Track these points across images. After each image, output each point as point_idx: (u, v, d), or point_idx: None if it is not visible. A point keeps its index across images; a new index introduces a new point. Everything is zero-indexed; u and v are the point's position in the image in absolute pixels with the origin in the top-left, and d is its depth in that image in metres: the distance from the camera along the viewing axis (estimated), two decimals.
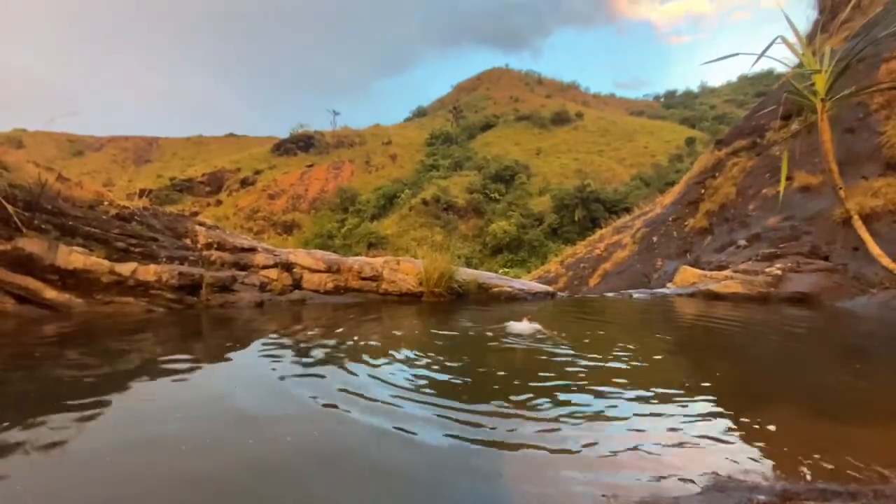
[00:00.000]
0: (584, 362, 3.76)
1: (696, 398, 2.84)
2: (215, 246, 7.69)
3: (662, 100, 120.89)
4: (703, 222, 15.20)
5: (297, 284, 8.30)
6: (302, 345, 4.26)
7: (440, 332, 5.09)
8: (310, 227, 62.59)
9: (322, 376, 3.23)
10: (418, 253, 10.13)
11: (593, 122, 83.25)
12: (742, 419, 2.63)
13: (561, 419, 2.56)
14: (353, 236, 55.86)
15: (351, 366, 3.48)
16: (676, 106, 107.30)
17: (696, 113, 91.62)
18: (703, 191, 16.16)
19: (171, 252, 7.04)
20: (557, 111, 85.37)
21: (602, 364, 3.69)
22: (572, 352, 4.07)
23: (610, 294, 13.63)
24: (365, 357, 3.78)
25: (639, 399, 2.96)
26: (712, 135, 60.68)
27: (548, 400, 2.87)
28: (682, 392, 2.95)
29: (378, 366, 3.46)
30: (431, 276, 8.63)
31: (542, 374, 3.33)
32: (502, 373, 3.34)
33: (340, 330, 5.25)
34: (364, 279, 8.77)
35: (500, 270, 38.79)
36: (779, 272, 9.73)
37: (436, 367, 3.43)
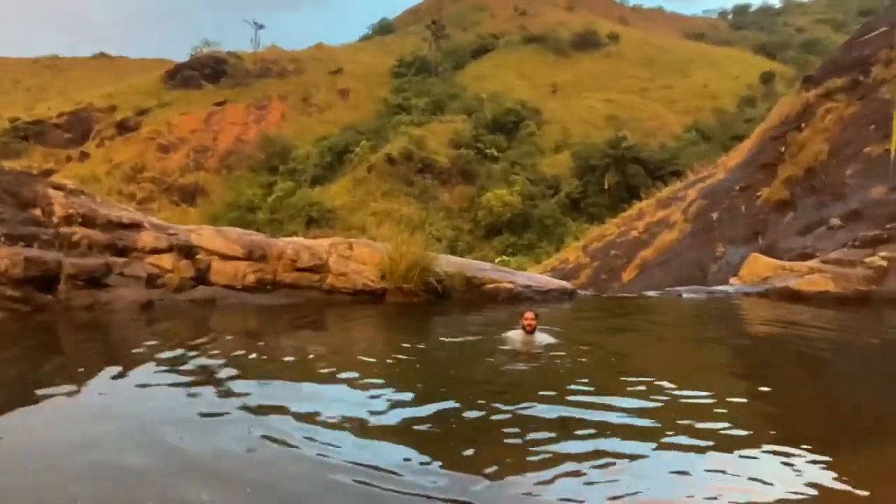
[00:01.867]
0: (618, 403, 3.70)
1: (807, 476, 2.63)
2: (79, 220, 7.49)
3: (730, 17, 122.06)
4: (781, 193, 15.56)
5: (202, 277, 8.22)
6: (203, 370, 4.24)
7: (406, 351, 5.13)
8: (221, 193, 61.77)
9: (224, 419, 3.19)
10: (380, 233, 10.12)
11: (633, 47, 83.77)
12: None
13: None
14: (286, 208, 55.43)
15: (269, 404, 3.43)
16: (749, 27, 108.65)
17: (776, 37, 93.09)
18: (783, 149, 16.52)
19: (11, 228, 6.83)
20: (582, 31, 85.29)
21: (644, 407, 3.55)
22: (599, 390, 4.01)
23: (651, 293, 13.83)
24: (290, 393, 3.73)
25: (717, 466, 2.82)
26: (798, 69, 61.84)
27: (572, 479, 2.63)
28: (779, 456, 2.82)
29: (308, 416, 3.25)
30: (398, 267, 8.62)
31: (548, 429, 3.13)
32: (489, 428, 3.11)
33: (261, 345, 5.22)
34: (301, 270, 8.74)
35: (498, 259, 39.07)
36: (884, 263, 10.08)
37: (394, 411, 3.37)
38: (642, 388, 4.04)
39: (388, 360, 4.69)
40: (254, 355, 4.77)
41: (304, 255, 8.85)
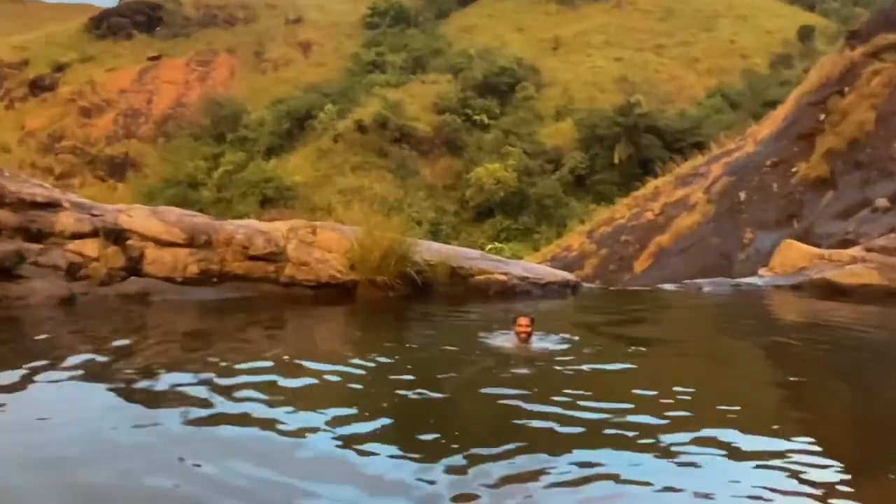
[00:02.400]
0: (632, 418, 3.70)
1: None
2: None
3: None
4: (820, 169, 15.74)
5: (133, 267, 8.13)
6: (126, 382, 4.18)
7: (378, 359, 5.10)
8: (157, 167, 61.15)
9: (143, 447, 3.11)
10: (349, 216, 10.02)
11: None
12: None
13: None
14: (236, 185, 55.04)
15: (203, 430, 3.36)
16: None
17: None
18: (822, 117, 16.71)
19: None
20: None
21: (656, 423, 3.55)
22: (613, 404, 3.96)
23: (667, 286, 13.95)
24: (228, 413, 3.66)
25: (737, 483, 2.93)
26: (842, 23, 62.41)
27: None
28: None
29: (249, 450, 3.12)
30: (371, 256, 8.58)
31: (556, 463, 3.04)
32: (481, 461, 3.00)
33: (201, 352, 5.17)
34: (254, 259, 8.67)
35: (490, 247, 39.15)
36: None
37: (357, 437, 3.29)
38: (657, 399, 4.07)
39: (354, 370, 4.66)
40: (193, 365, 4.71)
41: (258, 240, 8.79)
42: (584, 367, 4.99)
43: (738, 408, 3.92)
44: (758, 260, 15.20)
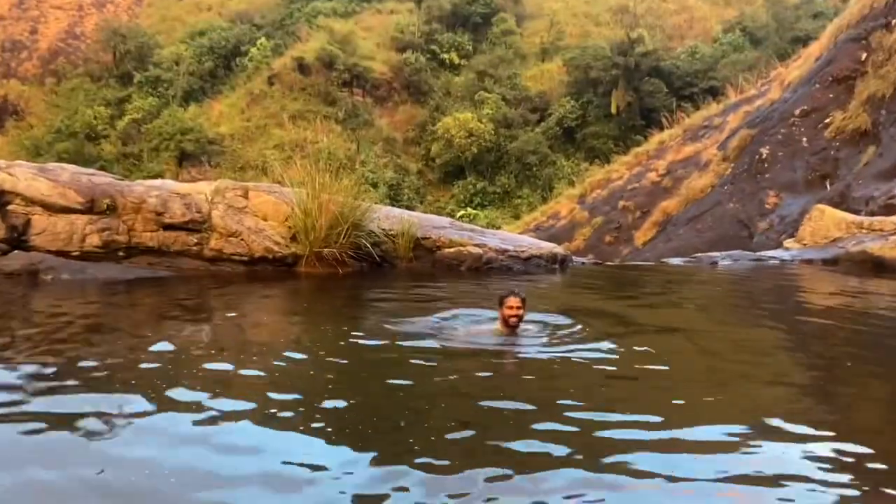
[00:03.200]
0: (635, 418, 3.81)
1: None
2: None
3: None
4: (860, 119, 15.91)
5: (17, 238, 8.05)
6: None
7: (325, 353, 5.04)
8: (46, 114, 59.60)
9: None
10: (290, 175, 9.85)
11: None
12: None
13: None
14: (146, 137, 53.97)
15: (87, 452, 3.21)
16: None
17: None
18: (864, 56, 16.87)
19: None
20: None
21: (656, 421, 3.66)
22: (608, 406, 4.04)
23: (674, 261, 14.04)
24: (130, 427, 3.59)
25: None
26: None
27: None
28: None
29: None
30: (317, 224, 8.63)
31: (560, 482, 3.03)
32: None
33: (99, 349, 5.04)
34: (171, 228, 8.66)
35: (461, 214, 39.18)
36: None
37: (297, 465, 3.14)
38: (664, 399, 4.11)
39: (293, 367, 4.57)
40: (88, 363, 4.56)
41: (175, 205, 8.72)
42: (577, 358, 5.00)
43: (763, 411, 4.00)
44: (783, 229, 15.42)
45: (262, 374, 4.49)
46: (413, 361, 4.98)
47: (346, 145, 51.12)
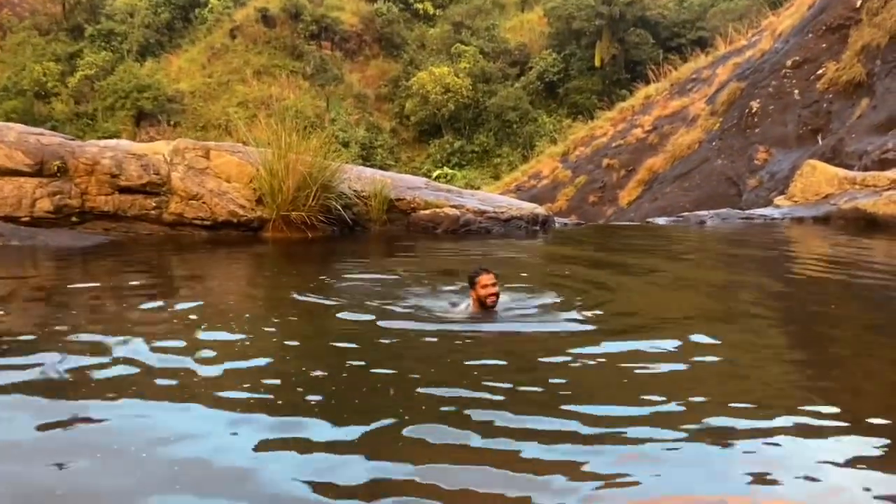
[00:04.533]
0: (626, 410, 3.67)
1: None
2: None
3: None
4: (853, 71, 15.79)
5: None
6: None
7: (294, 332, 4.88)
8: None
9: None
10: (255, 135, 9.74)
11: None
12: None
13: None
14: (100, 95, 52.92)
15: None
16: None
17: None
18: (858, 3, 16.68)
19: None
20: None
21: (652, 412, 3.51)
22: (597, 394, 3.91)
23: (660, 220, 14.04)
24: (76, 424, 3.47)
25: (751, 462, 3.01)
26: None
27: None
28: None
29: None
30: (284, 185, 8.52)
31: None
32: None
33: (47, 323, 4.84)
34: (127, 191, 8.55)
35: (437, 174, 38.99)
36: None
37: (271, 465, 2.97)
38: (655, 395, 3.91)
39: (260, 354, 4.32)
40: (28, 336, 4.36)
41: (131, 166, 8.56)
42: (569, 342, 4.81)
43: (740, 371, 4.09)
44: (773, 186, 15.39)
45: (216, 356, 4.24)
46: (387, 339, 4.77)
47: (315, 102, 50.68)
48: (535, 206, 11.62)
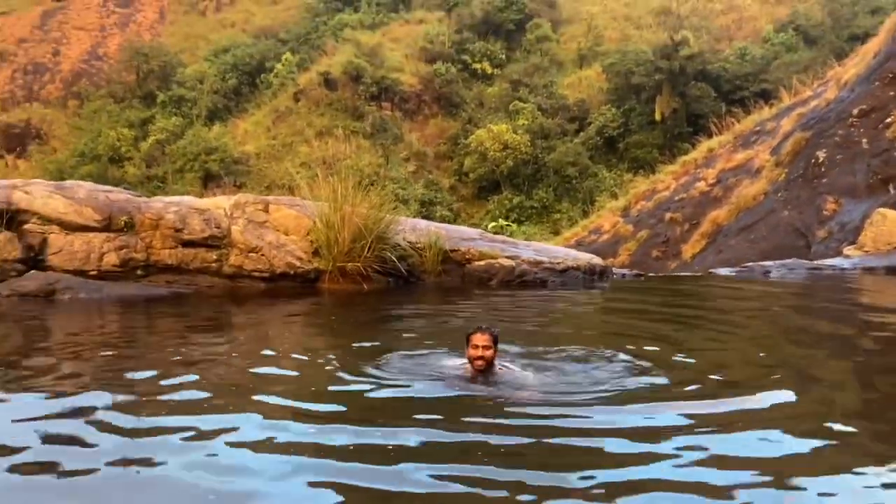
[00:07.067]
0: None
1: None
2: None
3: None
4: None
5: (34, 258, 8.15)
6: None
7: (346, 388, 4.81)
8: (68, 137, 60.88)
9: None
10: (316, 194, 9.79)
11: None
12: None
13: None
14: (171, 158, 54.77)
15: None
16: None
17: None
18: None
19: None
20: None
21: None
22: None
23: (723, 271, 13.84)
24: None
25: None
26: None
27: None
28: None
29: None
30: (340, 237, 8.69)
31: None
32: None
33: (116, 373, 5.01)
34: (190, 245, 8.78)
35: (491, 225, 38.87)
36: None
37: None
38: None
39: (314, 408, 4.37)
40: (103, 394, 4.42)
41: (194, 221, 8.82)
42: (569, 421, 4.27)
43: (804, 428, 3.95)
44: (843, 237, 15.16)
45: (275, 404, 4.33)
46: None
47: (374, 160, 51.33)
48: (592, 256, 11.64)
